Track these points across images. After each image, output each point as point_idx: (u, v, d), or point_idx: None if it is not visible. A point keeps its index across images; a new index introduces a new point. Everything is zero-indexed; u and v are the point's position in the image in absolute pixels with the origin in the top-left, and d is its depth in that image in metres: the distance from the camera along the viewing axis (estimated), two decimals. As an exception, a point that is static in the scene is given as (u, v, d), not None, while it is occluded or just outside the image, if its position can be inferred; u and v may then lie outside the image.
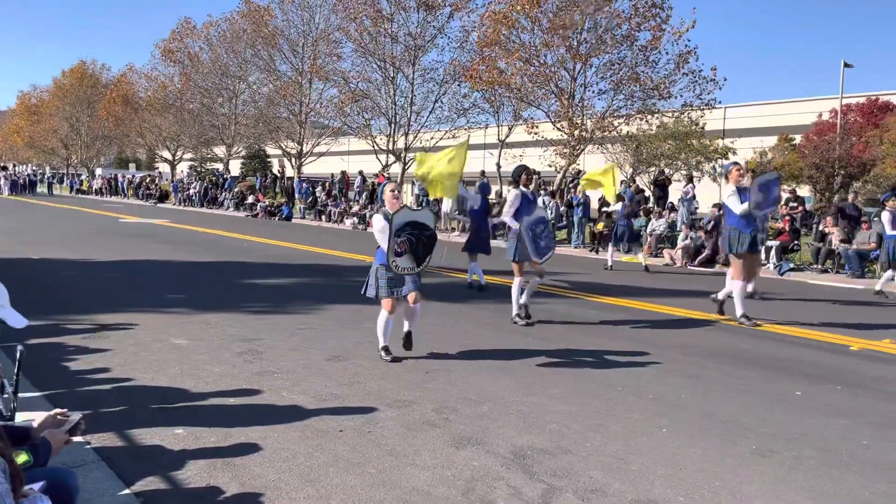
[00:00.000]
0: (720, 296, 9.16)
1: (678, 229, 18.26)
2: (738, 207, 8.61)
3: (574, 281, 12.51)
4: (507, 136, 30.12)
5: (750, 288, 9.11)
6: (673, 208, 19.98)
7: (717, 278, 14.05)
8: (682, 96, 23.47)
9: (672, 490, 3.77)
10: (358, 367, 6.10)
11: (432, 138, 30.06)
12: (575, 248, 20.16)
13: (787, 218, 17.65)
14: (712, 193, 26.08)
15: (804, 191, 26.21)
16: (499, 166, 30.35)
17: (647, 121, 24.49)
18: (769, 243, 16.09)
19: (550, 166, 26.79)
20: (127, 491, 3.56)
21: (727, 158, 28.82)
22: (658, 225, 18.45)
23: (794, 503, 3.66)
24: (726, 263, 10.48)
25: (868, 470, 4.12)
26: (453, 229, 17.40)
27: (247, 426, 4.52)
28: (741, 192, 8.70)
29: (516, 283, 8.33)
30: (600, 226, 19.80)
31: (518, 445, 4.33)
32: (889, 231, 11.39)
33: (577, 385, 5.76)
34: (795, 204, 19.01)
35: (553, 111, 25.04)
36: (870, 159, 27.51)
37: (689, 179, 21.19)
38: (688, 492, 3.75)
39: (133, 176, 51.52)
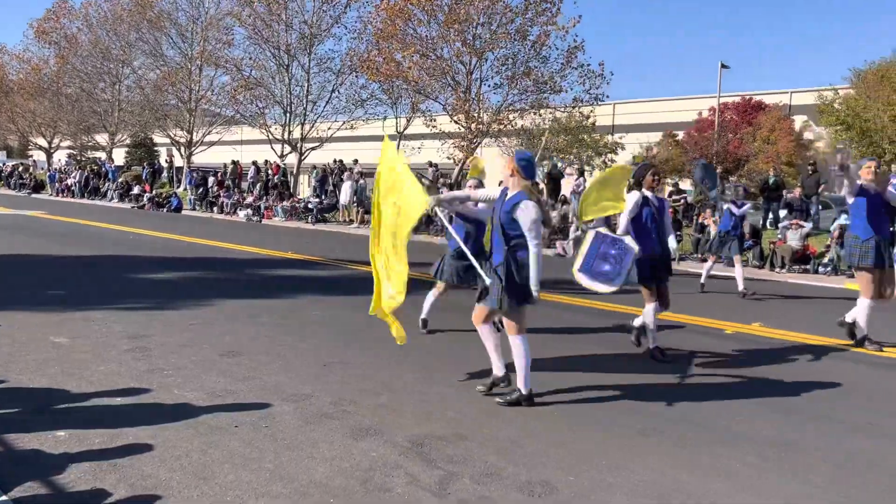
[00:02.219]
0: (847, 318, 7.52)
1: (570, 221, 18.86)
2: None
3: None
4: (406, 129, 30.14)
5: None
6: (565, 201, 20.62)
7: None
8: (572, 90, 24.23)
9: (563, 470, 3.93)
10: (254, 361, 5.98)
11: (329, 128, 29.66)
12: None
13: (671, 210, 18.62)
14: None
15: (686, 184, 27.68)
16: (397, 158, 30.34)
17: (540, 115, 25.14)
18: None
19: (449, 159, 27.05)
20: (4, 497, 3.36)
21: (616, 153, 30.13)
22: (552, 217, 19.01)
23: (674, 476, 3.90)
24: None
25: (741, 444, 4.44)
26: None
27: (135, 426, 4.35)
28: (867, 192, 7.25)
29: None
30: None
31: (416, 434, 4.39)
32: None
33: (476, 373, 5.88)
34: (678, 197, 20.06)
35: (450, 104, 25.28)
36: (744, 155, 29.43)
37: (581, 173, 21.94)
38: (577, 471, 3.93)
39: (4, 164, 47.95)
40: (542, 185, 21.84)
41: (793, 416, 5.02)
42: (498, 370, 5.27)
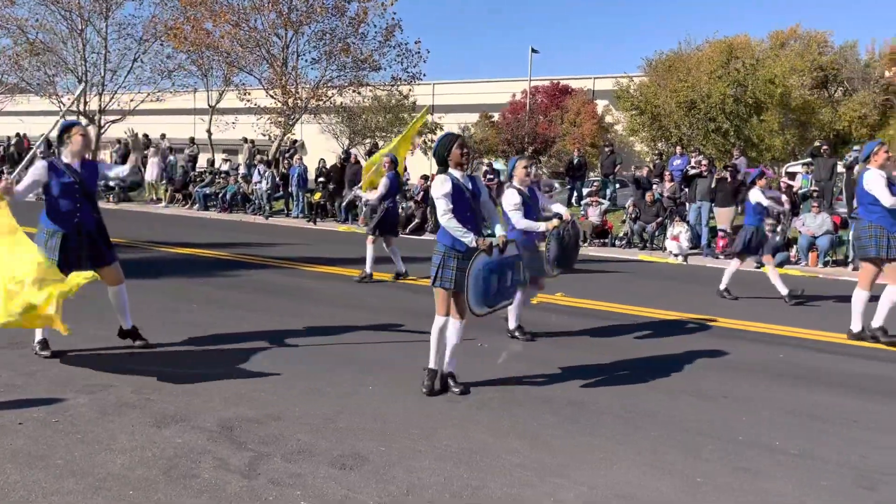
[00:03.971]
0: (874, 324, 7.01)
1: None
2: (888, 198, 6.66)
3: (289, 253, 12.47)
4: (218, 102, 28.74)
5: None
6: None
7: (429, 242, 15.03)
8: (390, 68, 24.37)
9: (375, 441, 4.01)
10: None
11: (132, 100, 27.53)
12: (294, 218, 20.05)
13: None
14: (422, 165, 27.60)
15: (501, 164, 28.93)
16: (209, 132, 28.91)
17: (359, 92, 25.05)
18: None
19: (265, 135, 26.19)
20: None
21: (435, 133, 30.74)
22: (371, 195, 19.06)
23: (477, 438, 4.12)
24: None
25: (538, 406, 4.78)
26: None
27: None
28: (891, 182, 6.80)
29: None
30: (317, 196, 19.94)
31: (225, 418, 4.27)
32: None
33: (286, 355, 5.81)
34: (492, 176, 20.90)
35: (266, 78, 24.45)
36: (553, 136, 31.26)
37: (400, 152, 22.14)
38: (389, 442, 4.02)
39: None
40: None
41: (587, 378, 5.47)
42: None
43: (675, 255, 13.98)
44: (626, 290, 10.04)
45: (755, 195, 9.28)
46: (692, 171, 16.12)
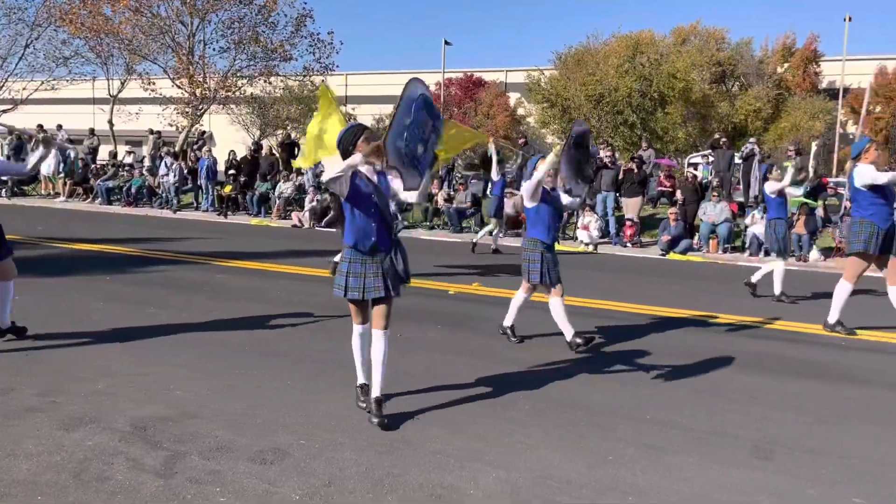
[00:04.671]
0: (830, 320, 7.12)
1: (306, 192, 18.77)
2: (883, 176, 6.74)
3: (197, 247, 12.14)
4: (120, 92, 27.51)
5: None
6: (300, 171, 20.43)
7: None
8: (302, 58, 24.00)
9: (295, 435, 4.00)
10: (-66, 357, 5.16)
11: (24, 88, 25.97)
12: (204, 212, 19.47)
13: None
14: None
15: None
16: (111, 123, 27.66)
17: (270, 83, 24.55)
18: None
19: (172, 126, 25.29)
20: None
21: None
22: (286, 188, 18.75)
23: (398, 428, 4.16)
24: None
25: (457, 394, 4.86)
26: None
27: None
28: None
29: None
30: (228, 188, 19.43)
31: (138, 417, 4.15)
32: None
33: (200, 351, 5.69)
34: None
35: (171, 67, 23.58)
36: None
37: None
38: (310, 435, 4.02)
39: None
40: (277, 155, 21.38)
41: (505, 366, 5.61)
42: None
43: (586, 244, 14.42)
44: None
45: (769, 187, 8.80)
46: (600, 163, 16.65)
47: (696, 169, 19.39)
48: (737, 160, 17.19)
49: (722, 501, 3.41)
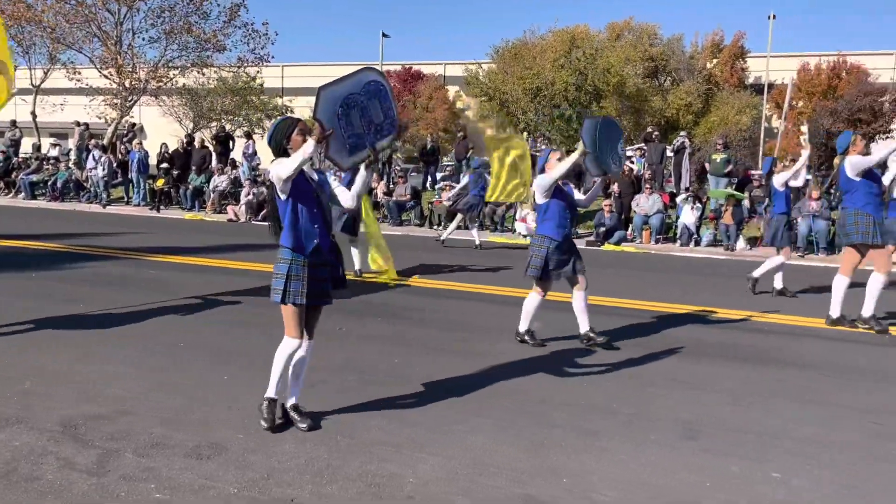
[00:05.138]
0: (865, 313, 6.97)
1: (242, 185, 18.45)
2: (875, 156, 6.90)
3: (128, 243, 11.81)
4: (43, 82, 26.43)
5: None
6: (235, 164, 20.08)
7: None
8: (236, 49, 23.53)
9: (233, 430, 3.97)
10: None
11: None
12: (136, 206, 18.93)
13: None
14: (273, 150, 26.90)
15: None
16: (34, 115, 26.56)
17: (203, 73, 23.98)
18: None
19: (100, 118, 24.44)
20: None
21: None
22: (221, 181, 18.39)
23: (337, 420, 4.17)
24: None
25: (397, 385, 4.90)
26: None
27: None
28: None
29: None
30: (160, 182, 18.94)
31: (69, 416, 4.04)
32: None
33: (133, 348, 5.57)
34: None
35: (98, 56, 22.77)
36: (406, 121, 31.47)
37: (249, 136, 21.49)
38: (247, 429, 3.99)
39: None
40: (211, 148, 20.91)
41: (444, 356, 5.67)
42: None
43: (524, 236, 14.63)
44: (472, 269, 10.41)
45: (777, 180, 8.66)
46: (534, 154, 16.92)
47: (630, 162, 19.86)
48: (668, 153, 17.70)
49: (650, 480, 3.55)
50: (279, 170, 3.83)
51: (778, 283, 8.81)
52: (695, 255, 13.22)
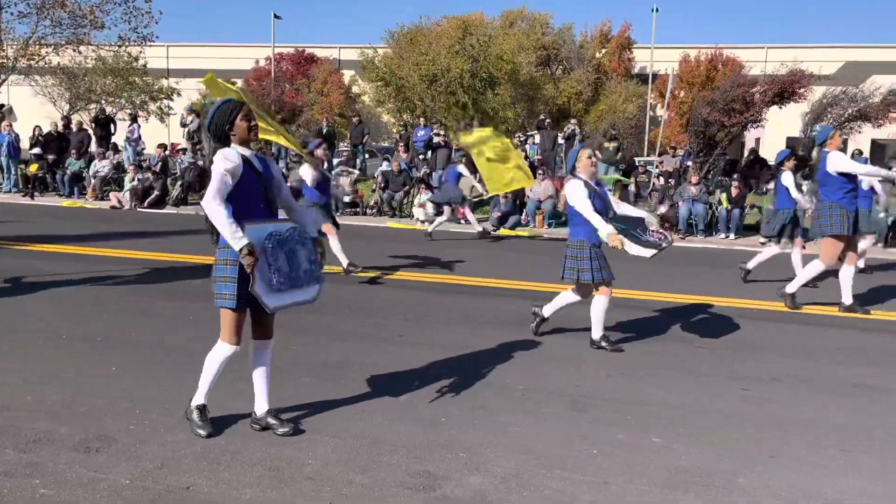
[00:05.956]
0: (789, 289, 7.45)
1: (125, 170, 17.58)
2: (862, 167, 7.20)
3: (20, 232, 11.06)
4: None
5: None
6: (117, 149, 19.09)
7: (168, 217, 14.18)
8: (116, 27, 22.31)
9: (123, 421, 3.84)
10: None
11: None
12: (7, 193, 17.66)
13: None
14: (159, 133, 25.78)
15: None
16: None
17: (80, 52, 22.60)
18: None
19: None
20: None
21: (172, 99, 28.78)
22: (102, 166, 17.45)
23: (234, 406, 4.11)
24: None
25: (296, 370, 4.88)
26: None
27: None
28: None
29: None
30: (34, 167, 17.75)
31: (-61, 415, 3.79)
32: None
33: (11, 342, 5.26)
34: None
35: (-41, 31, 21.02)
36: (300, 105, 30.89)
37: (134, 119, 20.48)
38: (139, 419, 3.88)
39: None
40: (90, 131, 19.77)
41: (343, 340, 5.67)
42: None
43: (422, 222, 14.73)
44: (377, 253, 10.43)
45: (787, 179, 8.43)
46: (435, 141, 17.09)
47: (524, 149, 20.35)
48: (560, 140, 18.26)
49: (543, 451, 3.73)
50: (208, 198, 3.43)
51: (752, 264, 8.80)
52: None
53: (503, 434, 3.92)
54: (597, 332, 5.74)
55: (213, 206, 3.42)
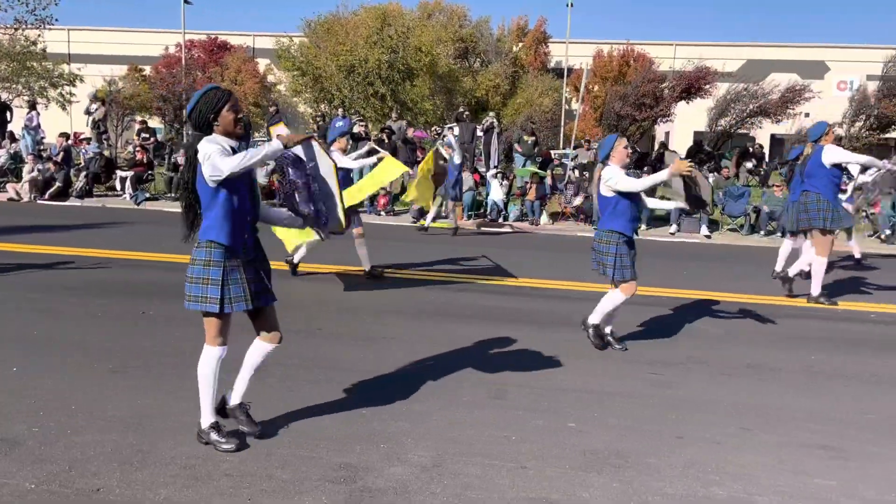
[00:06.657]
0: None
1: (24, 161, 16.64)
2: (861, 157, 7.40)
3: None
4: None
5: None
6: (14, 138, 18.04)
7: (71, 209, 13.52)
8: (12, 9, 21.07)
9: (27, 423, 3.65)
10: None
11: None
12: None
13: (142, 149, 17.93)
14: (60, 122, 24.51)
15: (155, 122, 26.95)
16: None
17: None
18: (124, 174, 16.21)
19: None
20: None
21: (75, 85, 27.39)
22: (-1, 156, 16.46)
23: (144, 404, 4.00)
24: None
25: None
26: None
27: None
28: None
29: None
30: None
31: None
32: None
33: None
34: (148, 135, 19.43)
35: None
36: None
37: (32, 106, 19.38)
38: (44, 421, 3.71)
39: None
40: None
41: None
42: None
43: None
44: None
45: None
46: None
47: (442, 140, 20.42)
48: (479, 133, 18.43)
49: (462, 437, 3.79)
50: (222, 164, 3.18)
51: (779, 266, 8.44)
52: (503, 231, 13.99)
53: (423, 423, 3.96)
54: (594, 318, 5.61)
55: (227, 162, 3.18)
